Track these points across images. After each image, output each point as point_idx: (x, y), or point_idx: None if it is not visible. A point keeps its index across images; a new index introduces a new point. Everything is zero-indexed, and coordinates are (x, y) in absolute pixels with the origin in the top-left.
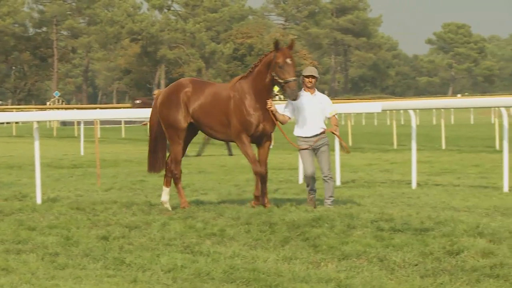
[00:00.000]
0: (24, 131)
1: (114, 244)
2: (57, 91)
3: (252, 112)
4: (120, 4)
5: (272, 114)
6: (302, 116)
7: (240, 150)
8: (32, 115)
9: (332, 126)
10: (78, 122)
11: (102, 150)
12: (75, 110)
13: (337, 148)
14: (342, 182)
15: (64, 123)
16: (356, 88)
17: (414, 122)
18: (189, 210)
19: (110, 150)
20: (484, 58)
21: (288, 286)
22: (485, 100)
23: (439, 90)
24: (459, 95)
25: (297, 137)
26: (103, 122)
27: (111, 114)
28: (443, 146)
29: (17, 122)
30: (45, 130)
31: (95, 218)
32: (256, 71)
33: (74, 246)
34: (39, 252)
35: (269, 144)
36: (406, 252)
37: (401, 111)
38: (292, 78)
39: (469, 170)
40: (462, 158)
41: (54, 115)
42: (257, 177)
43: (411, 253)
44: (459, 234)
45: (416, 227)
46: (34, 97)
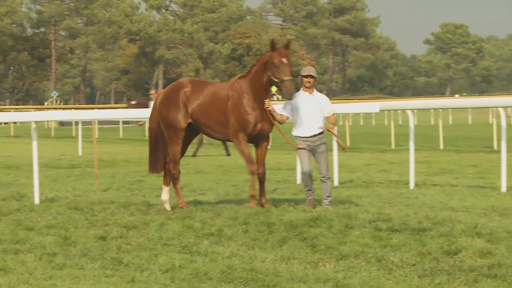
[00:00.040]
0: (22, 131)
1: (112, 244)
2: (55, 91)
3: (250, 111)
4: (118, 4)
5: (270, 114)
6: (301, 116)
7: (237, 149)
8: (30, 115)
9: (329, 124)
10: (76, 122)
11: (100, 150)
12: (73, 110)
13: (335, 148)
14: (340, 182)
15: (62, 123)
16: (354, 88)
17: (412, 122)
18: (187, 210)
19: (108, 150)
20: (482, 58)
21: (286, 286)
22: (483, 100)
23: (437, 90)
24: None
25: (295, 137)
26: (101, 122)
27: (109, 114)
28: (441, 146)
29: (15, 122)
30: (43, 130)
31: (93, 218)
32: (253, 71)
33: (72, 246)
34: (37, 252)
35: (267, 144)
36: (404, 252)
37: (399, 111)
38: (287, 77)
39: (467, 170)
40: (460, 158)
41: (52, 115)
42: (252, 176)
43: (409, 253)
44: (457, 234)
45: (414, 227)
46: (32, 97)
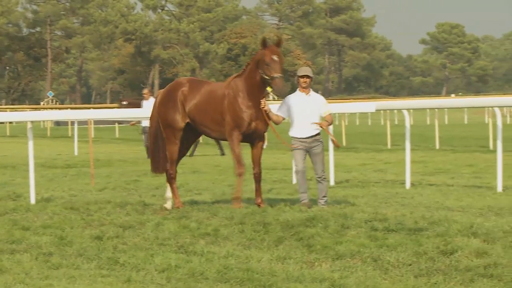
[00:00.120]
0: (18, 131)
1: (108, 244)
2: (51, 91)
3: (244, 109)
4: (114, 4)
5: (266, 114)
6: (297, 116)
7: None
8: (26, 115)
9: (323, 121)
10: (72, 122)
11: (96, 150)
12: (69, 110)
13: (331, 148)
14: (336, 182)
15: (58, 123)
16: (350, 88)
17: (408, 122)
18: (183, 210)
19: (104, 150)
20: (478, 58)
21: (282, 286)
22: (479, 100)
23: (433, 90)
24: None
25: (292, 137)
26: (97, 122)
27: (105, 114)
28: (437, 146)
29: (11, 122)
30: (39, 130)
31: (89, 218)
32: (248, 70)
33: (68, 246)
34: (33, 252)
35: (262, 144)
36: (400, 252)
37: (395, 111)
38: (277, 74)
39: (463, 170)
40: (456, 158)
41: (48, 115)
42: (238, 178)
43: (405, 253)
44: (453, 234)
45: (410, 227)
46: (28, 97)
